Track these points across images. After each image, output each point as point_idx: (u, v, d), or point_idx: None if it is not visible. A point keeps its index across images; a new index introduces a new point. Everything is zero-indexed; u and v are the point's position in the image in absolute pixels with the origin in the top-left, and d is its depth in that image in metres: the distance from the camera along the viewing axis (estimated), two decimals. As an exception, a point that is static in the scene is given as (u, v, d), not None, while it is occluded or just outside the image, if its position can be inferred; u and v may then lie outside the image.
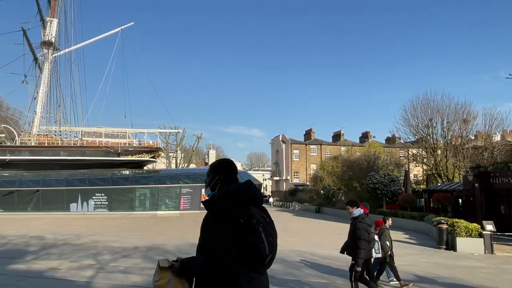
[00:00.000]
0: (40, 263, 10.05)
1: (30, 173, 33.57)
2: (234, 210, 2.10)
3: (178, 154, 64.28)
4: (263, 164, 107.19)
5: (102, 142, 38.44)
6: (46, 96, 40.89)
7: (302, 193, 46.43)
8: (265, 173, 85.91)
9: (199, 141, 65.31)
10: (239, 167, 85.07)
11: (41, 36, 41.00)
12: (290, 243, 14.79)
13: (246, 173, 44.48)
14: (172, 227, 21.51)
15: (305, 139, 65.44)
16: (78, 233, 17.24)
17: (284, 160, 61.54)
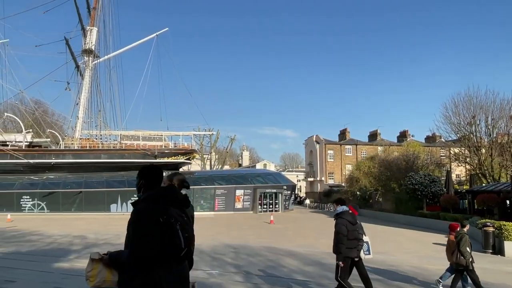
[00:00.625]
0: (83, 262, 10.46)
1: (73, 175, 35.27)
2: (153, 211, 2.48)
3: (212, 155, 65.26)
4: (296, 165, 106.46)
5: (140, 145, 39.72)
6: (87, 101, 42.79)
7: (337, 194, 45.66)
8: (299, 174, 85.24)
9: (233, 143, 66.03)
10: (272, 168, 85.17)
11: (82, 44, 42.97)
12: (326, 246, 14.52)
13: (279, 174, 44.36)
14: (206, 228, 21.78)
15: (339, 139, 64.31)
16: (118, 233, 17.81)
17: (318, 161, 60.76)
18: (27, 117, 44.74)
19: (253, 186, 34.88)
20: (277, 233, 19.33)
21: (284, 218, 29.32)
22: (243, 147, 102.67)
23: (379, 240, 17.70)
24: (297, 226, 24.40)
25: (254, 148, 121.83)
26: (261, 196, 34.59)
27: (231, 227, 22.73)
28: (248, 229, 21.81)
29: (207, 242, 14.88)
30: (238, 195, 33.95)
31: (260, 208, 34.16)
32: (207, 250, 12.98)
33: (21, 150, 36.85)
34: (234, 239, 16.53)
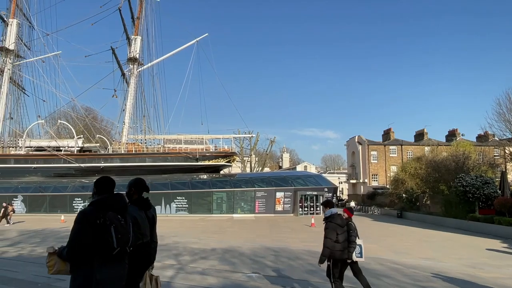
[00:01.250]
0: (128, 262, 10.88)
1: (120, 178, 36.51)
2: (92, 214, 2.98)
3: (253, 158, 65.63)
4: (338, 167, 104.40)
5: (182, 149, 40.85)
6: (133, 107, 44.74)
7: (382, 196, 44.14)
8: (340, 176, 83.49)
9: (273, 145, 65.95)
10: (313, 170, 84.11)
11: (127, 53, 45.04)
12: (369, 250, 14.07)
13: (320, 176, 43.66)
14: (247, 230, 21.91)
15: (383, 140, 62.20)
16: (162, 234, 18.32)
17: (361, 162, 59.13)
18: (78, 124, 47.51)
19: (294, 188, 34.61)
20: (318, 237, 18.86)
21: (325, 221, 28.77)
22: (283, 149, 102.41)
23: (426, 245, 16.86)
24: (339, 229, 23.84)
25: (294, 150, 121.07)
26: (301, 198, 34.23)
27: (271, 229, 22.66)
28: (288, 232, 21.64)
29: (248, 245, 14.93)
30: (279, 198, 33.85)
31: (301, 211, 33.80)
32: (247, 252, 13.02)
33: (73, 154, 39.25)
34: (275, 241, 16.44)
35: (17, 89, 44.22)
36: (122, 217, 3.15)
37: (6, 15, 42.42)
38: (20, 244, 14.82)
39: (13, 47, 42.55)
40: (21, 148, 41.11)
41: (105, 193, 3.29)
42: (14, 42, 42.63)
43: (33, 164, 38.45)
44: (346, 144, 66.79)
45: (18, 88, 44.35)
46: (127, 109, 43.94)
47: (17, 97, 44.35)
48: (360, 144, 59.86)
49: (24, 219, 28.23)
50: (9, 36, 42.34)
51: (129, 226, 3.21)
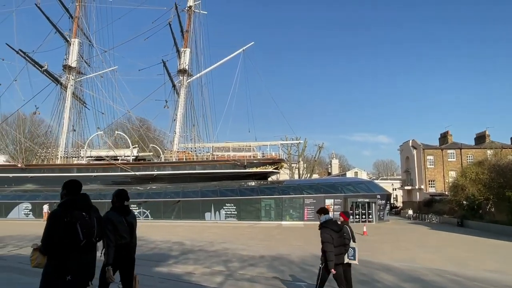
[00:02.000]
0: (179, 267, 11.13)
1: (172, 186, 38.27)
2: (59, 213, 3.61)
3: (301, 164, 64.97)
4: (391, 173, 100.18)
5: (230, 156, 41.51)
6: (183, 117, 46.35)
7: (440, 204, 41.49)
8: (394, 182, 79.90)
9: (321, 151, 64.90)
10: (364, 176, 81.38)
11: (177, 65, 46.94)
12: (427, 260, 13.24)
13: (372, 183, 42.12)
14: (296, 238, 21.59)
15: (440, 143, 58.76)
16: (212, 241, 18.69)
17: (416, 168, 56.22)
18: (133, 134, 50.04)
19: (344, 195, 33.68)
20: (371, 246, 18.19)
21: (378, 230, 27.61)
22: (332, 155, 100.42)
23: (490, 256, 15.53)
24: (393, 238, 22.71)
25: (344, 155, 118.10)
26: (352, 205, 33.20)
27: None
28: (339, 240, 20.99)
29: (297, 252, 14.68)
30: (328, 205, 33.06)
31: (352, 219, 32.73)
32: (296, 260, 12.79)
33: (129, 163, 41.34)
34: (325, 250, 16.01)
35: (78, 103, 47.69)
36: (87, 214, 3.79)
37: (69, 35, 46.02)
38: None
39: (75, 65, 46.03)
40: (82, 158, 44.10)
41: (73, 195, 3.89)
42: (76, 60, 46.10)
43: (93, 173, 41.08)
44: (400, 149, 63.93)
45: (79, 102, 47.82)
46: (177, 119, 45.61)
47: (79, 111, 47.84)
48: (414, 149, 57.05)
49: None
50: (71, 54, 45.87)
51: (93, 221, 3.85)
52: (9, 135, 54.10)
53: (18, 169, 41.87)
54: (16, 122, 54.88)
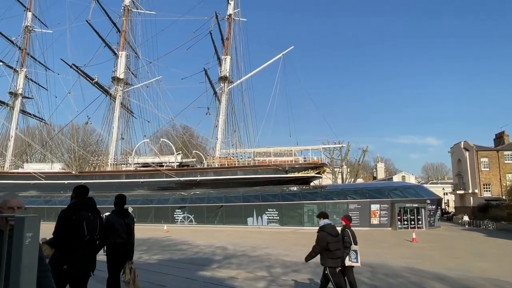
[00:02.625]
0: (222, 272, 11.20)
1: (215, 191, 38.88)
2: (69, 212, 4.35)
3: (344, 169, 63.56)
4: (442, 176, 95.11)
5: (272, 161, 41.45)
6: (224, 123, 47.09)
7: (497, 209, 38.68)
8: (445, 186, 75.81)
9: (365, 155, 63.15)
10: (412, 180, 78.08)
11: (218, 72, 47.88)
12: (483, 270, 12.32)
13: (421, 187, 40.21)
14: (341, 244, 21.01)
15: (495, 145, 54.89)
16: (254, 246, 18.69)
17: (469, 171, 52.90)
18: (177, 141, 51.63)
19: (391, 200, 32.37)
20: (421, 253, 17.29)
21: (429, 236, 26.23)
22: (377, 158, 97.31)
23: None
24: (445, 245, 21.43)
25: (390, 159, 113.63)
26: (400, 211, 31.82)
27: (367, 244, 21.37)
28: (386, 246, 20.19)
29: (341, 259, 14.26)
30: (374, 210, 31.96)
31: (400, 224, 31.40)
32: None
33: (173, 169, 42.61)
34: (371, 257, 15.39)
35: (126, 112, 50.06)
36: (91, 215, 4.53)
37: (117, 48, 48.55)
38: (129, 251, 16.34)
39: (123, 76, 48.43)
40: (130, 164, 46.11)
41: (80, 197, 4.69)
42: (124, 71, 48.49)
43: (140, 179, 42.79)
44: (451, 151, 60.54)
45: (127, 112, 50.18)
46: (219, 125, 46.40)
47: (127, 120, 50.19)
48: (467, 151, 53.75)
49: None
50: (119, 66, 48.33)
51: (97, 220, 4.58)
52: (64, 144, 57.85)
53: (72, 176, 44.58)
54: (71, 132, 58.76)
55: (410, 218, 32.09)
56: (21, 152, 55.81)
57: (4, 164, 50.51)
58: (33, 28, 53.57)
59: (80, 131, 61.00)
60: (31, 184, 44.03)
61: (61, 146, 57.20)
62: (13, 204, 2.71)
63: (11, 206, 2.71)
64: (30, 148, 56.96)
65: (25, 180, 44.88)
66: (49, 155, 54.17)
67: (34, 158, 58.72)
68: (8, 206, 2.70)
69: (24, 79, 52.10)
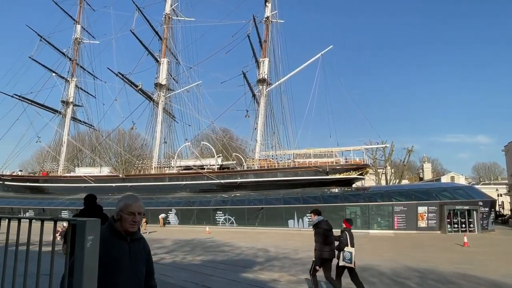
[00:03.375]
0: (265, 274, 11.21)
1: (255, 193, 39.05)
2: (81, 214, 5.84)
3: (388, 170, 61.49)
4: (495, 177, 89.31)
5: (312, 162, 41.00)
6: (263, 125, 47.26)
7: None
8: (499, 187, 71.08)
9: (411, 155, 60.57)
10: (462, 181, 74.00)
11: (256, 75, 48.17)
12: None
13: (472, 188, 37.93)
14: (385, 248, 20.36)
15: (556, 142, 50.80)
16: (296, 248, 18.54)
17: (526, 171, 49.29)
18: (217, 144, 52.46)
19: (439, 202, 30.82)
20: (473, 258, 16.27)
21: (482, 241, 24.67)
22: (423, 158, 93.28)
23: None
24: (501, 250, 20.01)
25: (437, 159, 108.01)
26: (449, 213, 30.23)
27: (414, 248, 20.53)
28: (435, 251, 19.24)
29: (387, 264, 13.80)
30: (421, 213, 30.58)
31: (450, 228, 29.80)
32: (387, 272, 12.01)
33: (214, 172, 43.39)
34: (419, 261, 14.76)
35: (168, 117, 51.70)
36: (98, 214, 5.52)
37: (159, 55, 50.35)
38: (174, 252, 16.85)
39: (165, 82, 50.13)
40: (173, 167, 47.52)
41: (88, 205, 6.05)
42: (165, 77, 50.19)
43: (182, 181, 43.95)
44: (505, 149, 56.67)
45: (169, 116, 51.81)
46: (258, 127, 46.64)
47: (169, 124, 51.84)
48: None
49: (176, 230, 32.27)
50: (161, 73, 50.09)
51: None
52: (111, 149, 60.71)
53: (119, 179, 46.69)
54: (117, 137, 61.71)
55: (461, 221, 30.37)
56: (72, 157, 59.30)
57: (58, 168, 53.95)
58: (82, 40, 56.98)
59: (126, 136, 63.94)
60: (82, 187, 46.68)
61: (109, 150, 60.10)
62: (135, 210, 2.60)
63: (133, 212, 2.60)
64: (80, 153, 60.45)
65: (76, 184, 47.66)
66: (98, 159, 57.11)
67: (84, 162, 62.20)
68: (129, 211, 2.59)
69: (74, 88, 55.49)
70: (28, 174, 58.85)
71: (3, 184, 52.28)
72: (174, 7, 51.84)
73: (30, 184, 51.20)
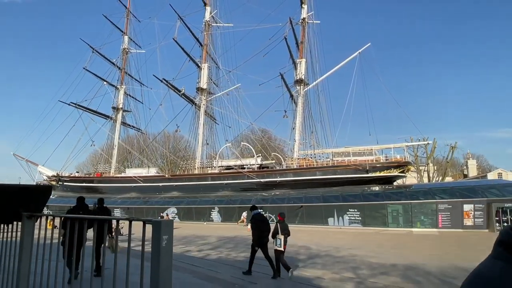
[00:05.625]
0: (308, 271, 11.12)
1: (294, 191, 38.84)
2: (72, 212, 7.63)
3: (430, 167, 58.83)
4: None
5: (351, 161, 40.11)
6: (301, 125, 46.90)
7: None
8: (552, 185, 65.69)
9: (454, 151, 57.61)
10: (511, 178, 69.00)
11: (293, 76, 47.93)
12: None
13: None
14: (430, 247, 19.46)
15: None
16: (337, 246, 18.21)
17: None
18: (256, 144, 52.77)
19: (486, 200, 29.01)
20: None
21: (536, 240, 22.85)
22: (467, 155, 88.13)
23: None
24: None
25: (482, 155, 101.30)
26: (498, 211, 28.37)
27: (461, 246, 19.47)
28: (484, 250, 17.71)
29: (434, 262, 13.21)
30: (467, 211, 28.95)
31: (499, 226, 27.97)
32: (434, 271, 11.50)
33: (254, 171, 43.64)
34: (467, 261, 13.95)
35: (210, 119, 52.76)
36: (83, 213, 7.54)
37: (200, 61, 51.53)
38: (218, 249, 17.16)
39: (205, 86, 51.19)
40: (215, 167, 48.37)
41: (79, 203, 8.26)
42: (206, 82, 51.22)
43: (224, 180, 44.64)
44: (557, 144, 52.33)
45: (210, 119, 52.86)
46: (296, 127, 46.37)
47: (210, 126, 52.92)
48: None
49: (218, 227, 32.80)
50: (202, 78, 51.21)
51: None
52: (157, 151, 62.94)
53: (165, 179, 48.29)
54: (163, 140, 63.82)
55: (510, 219, 28.40)
56: (123, 159, 62.15)
57: (110, 170, 56.73)
58: (129, 50, 59.59)
59: (170, 139, 65.92)
60: (132, 187, 48.77)
61: (155, 152, 62.34)
62: None
63: None
64: (130, 155, 63.19)
65: (127, 183, 49.87)
66: (146, 161, 59.40)
67: (134, 163, 64.96)
68: None
69: (123, 95, 58.15)
70: (84, 175, 62.39)
71: (62, 184, 55.77)
72: (213, 14, 52.82)
73: (85, 185, 54.27)
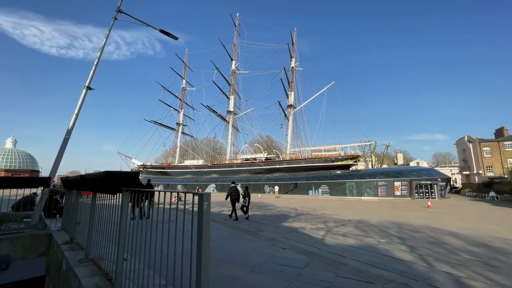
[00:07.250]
0: (295, 224, 11.08)
1: (288, 174, 38.59)
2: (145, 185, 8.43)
3: (373, 158, 57.71)
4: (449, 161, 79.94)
5: (323, 155, 39.65)
6: (292, 133, 46.49)
7: (500, 185, 31.17)
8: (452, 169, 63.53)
9: (388, 148, 56.39)
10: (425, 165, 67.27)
11: (286, 102, 47.48)
12: (491, 230, 10.09)
13: (433, 169, 34.24)
14: (373, 208, 19.13)
15: (496, 138, 44.38)
16: (314, 208, 18.06)
17: (473, 158, 43.50)
18: (263, 145, 52.53)
19: (409, 179, 28.35)
20: (435, 216, 14.71)
21: (441, 204, 22.22)
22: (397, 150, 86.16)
23: None
24: (455, 211, 17.81)
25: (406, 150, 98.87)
26: (417, 186, 27.66)
27: (393, 208, 19.06)
28: (408, 210, 17.69)
29: (375, 218, 13.01)
30: (397, 186, 28.33)
31: (417, 196, 27.29)
32: (375, 224, 11.34)
33: (262, 161, 43.47)
34: (396, 217, 13.72)
35: (235, 130, 52.70)
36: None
37: (228, 94, 51.60)
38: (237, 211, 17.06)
39: (232, 109, 51.20)
40: (238, 159, 48.37)
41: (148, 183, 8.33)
42: (232, 107, 51.28)
43: (244, 167, 44.58)
44: (456, 143, 50.53)
45: (235, 129, 52.79)
46: (288, 134, 45.96)
47: (235, 134, 52.69)
48: (470, 143, 44.42)
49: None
50: (230, 104, 51.24)
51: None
52: (203, 149, 63.22)
53: (208, 166, 48.52)
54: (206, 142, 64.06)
55: (425, 191, 27.67)
56: (182, 154, 62.60)
57: (175, 161, 57.32)
58: (186, 88, 60.07)
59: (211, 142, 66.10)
60: (188, 171, 49.11)
61: (202, 150, 62.64)
62: None
63: None
64: (187, 152, 63.69)
65: (185, 169, 50.30)
66: (196, 155, 59.80)
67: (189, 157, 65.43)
68: None
69: (182, 115, 58.63)
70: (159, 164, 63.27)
71: (146, 170, 56.67)
72: (236, 65, 52.97)
73: (160, 170, 54.98)
